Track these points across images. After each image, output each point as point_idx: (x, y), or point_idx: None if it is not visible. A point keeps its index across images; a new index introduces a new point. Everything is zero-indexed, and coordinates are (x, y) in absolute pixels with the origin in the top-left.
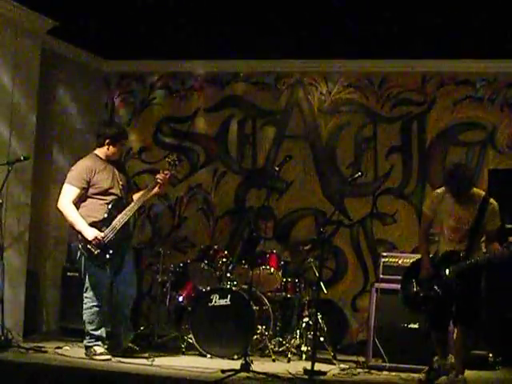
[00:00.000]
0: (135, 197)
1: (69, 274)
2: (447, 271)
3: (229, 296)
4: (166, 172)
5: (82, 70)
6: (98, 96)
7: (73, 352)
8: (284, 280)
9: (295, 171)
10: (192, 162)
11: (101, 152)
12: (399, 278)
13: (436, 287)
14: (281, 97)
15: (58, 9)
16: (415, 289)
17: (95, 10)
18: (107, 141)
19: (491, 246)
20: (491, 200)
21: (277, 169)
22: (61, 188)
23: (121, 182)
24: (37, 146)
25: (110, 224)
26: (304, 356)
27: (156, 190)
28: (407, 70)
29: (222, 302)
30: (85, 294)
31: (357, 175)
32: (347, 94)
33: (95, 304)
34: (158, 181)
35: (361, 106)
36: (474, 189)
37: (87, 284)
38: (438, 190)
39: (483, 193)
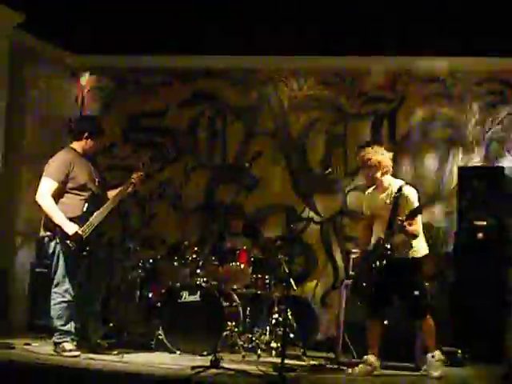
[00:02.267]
0: (110, 194)
1: (37, 270)
2: (374, 264)
3: (198, 292)
4: (140, 173)
5: (52, 65)
6: (69, 90)
7: (41, 348)
8: (254, 276)
9: (265, 167)
10: (162, 157)
11: (78, 146)
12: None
13: (369, 278)
14: (251, 93)
15: (26, 2)
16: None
17: (64, 3)
18: (85, 134)
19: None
20: (405, 187)
21: (247, 165)
22: (35, 183)
23: (96, 178)
24: (6, 139)
25: (87, 220)
26: (274, 352)
27: (130, 189)
28: (378, 68)
29: (192, 298)
30: (54, 290)
31: (327, 172)
32: (318, 90)
33: (64, 300)
34: (133, 181)
35: (331, 103)
36: (392, 179)
37: (58, 279)
38: (369, 189)
39: (400, 182)
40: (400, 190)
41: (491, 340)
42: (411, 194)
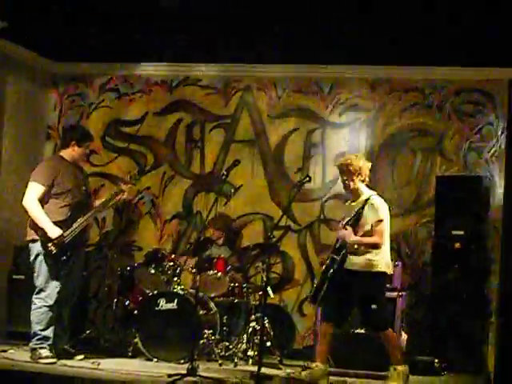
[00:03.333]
0: (96, 203)
1: (14, 276)
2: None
3: (176, 300)
4: (129, 184)
5: (31, 72)
6: (47, 98)
7: (18, 355)
8: (231, 285)
9: (243, 176)
10: (140, 165)
11: (66, 153)
12: None
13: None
14: (230, 101)
15: (7, 10)
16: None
17: (44, 11)
18: (72, 142)
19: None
20: (372, 197)
21: (225, 173)
22: (13, 190)
23: (83, 186)
24: None
25: (70, 226)
26: (251, 361)
27: (118, 198)
28: (356, 76)
29: (169, 306)
30: (36, 295)
31: (305, 180)
32: (296, 99)
33: (46, 304)
34: (123, 188)
35: (310, 111)
36: (365, 189)
37: (40, 284)
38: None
39: (371, 193)
40: (368, 199)
41: (469, 350)
42: (377, 203)
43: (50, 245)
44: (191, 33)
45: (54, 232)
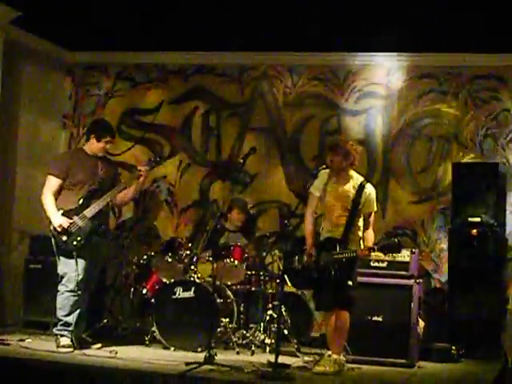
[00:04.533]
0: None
1: (31, 266)
2: (322, 258)
3: (193, 288)
4: (146, 167)
5: (46, 61)
6: (62, 87)
7: (35, 344)
8: (248, 273)
9: (259, 164)
10: (156, 153)
11: (87, 146)
12: (364, 270)
13: (313, 270)
14: (245, 89)
15: None
16: (298, 266)
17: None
18: (92, 136)
19: (366, 234)
20: (367, 185)
21: (241, 161)
22: (30, 180)
23: (102, 176)
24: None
25: (81, 213)
26: (268, 349)
27: (136, 182)
28: (372, 63)
29: (186, 294)
30: (60, 282)
31: (321, 168)
32: (312, 86)
33: (67, 289)
34: (141, 170)
35: (325, 99)
36: (354, 173)
37: (59, 271)
38: (323, 171)
39: (362, 178)
40: (363, 186)
41: (486, 337)
42: (373, 192)
43: (55, 233)
44: (207, 21)
45: (55, 220)
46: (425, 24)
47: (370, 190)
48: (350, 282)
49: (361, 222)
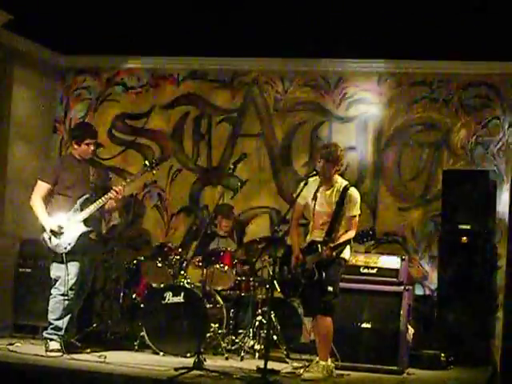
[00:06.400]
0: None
1: (21, 270)
2: (308, 261)
3: (182, 293)
4: (120, 187)
5: (38, 65)
6: (54, 91)
7: (24, 348)
8: (238, 278)
9: (250, 169)
10: (147, 158)
11: (74, 151)
12: (353, 277)
13: (301, 275)
14: (237, 95)
15: (12, 2)
16: (288, 276)
17: (51, 3)
18: (72, 141)
19: (344, 235)
20: (351, 189)
21: (232, 167)
22: (20, 183)
23: (93, 180)
24: None
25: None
26: (257, 354)
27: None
28: (363, 70)
29: (176, 299)
30: (54, 286)
31: (311, 174)
32: (303, 93)
33: (59, 293)
34: (115, 194)
35: (316, 105)
36: (339, 178)
37: (52, 275)
38: (312, 179)
39: (346, 182)
40: (347, 189)
41: (475, 344)
42: (355, 195)
43: (46, 237)
44: (199, 26)
45: (46, 224)
46: (416, 31)
47: (353, 193)
48: (331, 288)
49: (344, 225)
